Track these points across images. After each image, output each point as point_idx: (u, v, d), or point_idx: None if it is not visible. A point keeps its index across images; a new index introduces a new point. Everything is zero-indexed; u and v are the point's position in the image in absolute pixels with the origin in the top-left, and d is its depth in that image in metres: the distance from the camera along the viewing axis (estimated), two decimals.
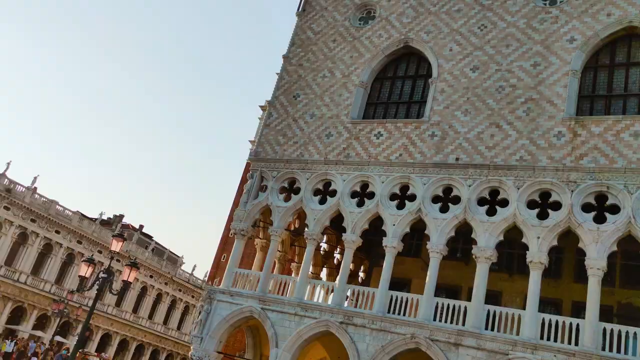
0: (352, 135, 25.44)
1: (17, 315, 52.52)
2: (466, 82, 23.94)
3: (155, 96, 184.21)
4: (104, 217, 67.18)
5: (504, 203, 21.22)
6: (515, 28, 23.92)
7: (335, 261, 33.09)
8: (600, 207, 19.68)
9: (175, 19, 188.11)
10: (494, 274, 22.80)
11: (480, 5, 25.34)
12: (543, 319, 19.02)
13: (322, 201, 24.96)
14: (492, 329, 19.59)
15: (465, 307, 20.37)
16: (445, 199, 22.50)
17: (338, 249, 32.71)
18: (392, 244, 22.40)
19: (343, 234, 23.78)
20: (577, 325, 18.55)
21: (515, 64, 23.17)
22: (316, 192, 25.30)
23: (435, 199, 22.63)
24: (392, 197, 23.50)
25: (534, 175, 20.86)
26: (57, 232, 55.51)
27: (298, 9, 30.60)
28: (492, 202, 21.53)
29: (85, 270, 16.35)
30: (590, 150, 20.32)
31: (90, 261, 16.61)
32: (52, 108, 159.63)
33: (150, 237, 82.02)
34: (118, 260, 61.64)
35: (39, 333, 50.89)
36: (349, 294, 23.86)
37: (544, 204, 20.58)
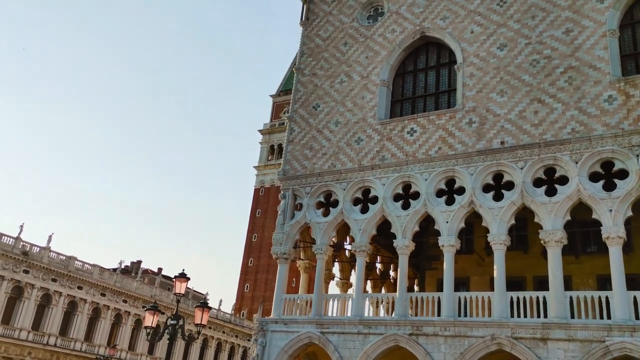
0: (383, 137, 24.12)
1: None
2: (496, 62, 22.68)
3: (155, 137, 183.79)
4: (122, 266, 65.66)
5: (564, 180, 19.84)
6: None
7: (377, 272, 31.57)
8: None
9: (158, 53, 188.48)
10: None
11: None
12: (635, 297, 17.50)
13: (364, 210, 23.56)
14: (579, 317, 18.06)
15: (544, 298, 18.85)
16: (497, 187, 21.12)
17: (378, 259, 31.21)
18: (449, 242, 20.97)
19: (394, 240, 22.32)
20: None
21: (545, 34, 21.92)
22: (356, 202, 23.91)
23: (487, 188, 21.25)
24: (439, 193, 22.13)
25: (591, 146, 19.49)
26: (80, 287, 53.95)
27: (301, 19, 29.47)
28: (550, 181, 20.14)
29: (150, 319, 14.91)
30: None
31: (154, 308, 15.16)
32: (56, 166, 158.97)
33: (171, 279, 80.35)
34: (143, 307, 60.02)
35: None
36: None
37: (608, 175, 19.19)
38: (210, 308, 16.11)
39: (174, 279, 15.50)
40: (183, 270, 15.28)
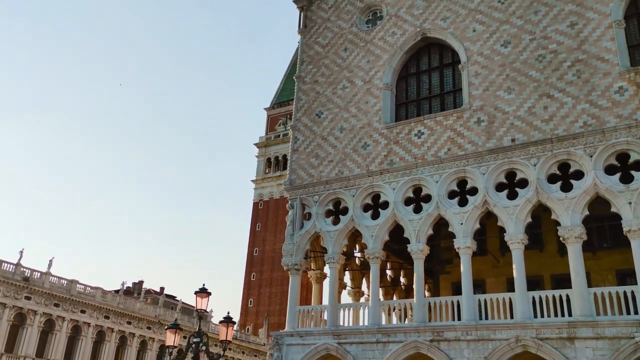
0: (390, 141, 23.75)
1: None
2: (500, 59, 22.39)
3: (151, 157, 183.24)
4: (125, 287, 64.90)
5: (579, 175, 19.49)
6: None
7: (388, 279, 31.04)
8: None
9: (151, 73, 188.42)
10: None
11: None
12: None
13: (375, 216, 23.10)
14: (605, 314, 17.61)
15: (567, 296, 18.39)
16: (511, 185, 20.74)
17: (388, 265, 30.70)
18: (465, 244, 20.52)
19: (408, 245, 21.85)
20: None
21: (549, 28, 21.67)
22: (366, 208, 23.47)
23: (500, 187, 20.87)
24: (451, 194, 21.73)
25: (605, 139, 19.17)
26: (83, 311, 53.16)
27: (299, 27, 29.15)
28: (565, 176, 19.78)
29: (172, 338, 14.36)
30: None
31: (174, 327, 14.59)
32: (54, 189, 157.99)
33: (174, 298, 79.43)
34: (149, 328, 59.19)
35: None
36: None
37: (624, 167, 18.85)
38: (234, 323, 15.53)
39: (194, 295, 14.93)
40: (204, 285, 14.71)
